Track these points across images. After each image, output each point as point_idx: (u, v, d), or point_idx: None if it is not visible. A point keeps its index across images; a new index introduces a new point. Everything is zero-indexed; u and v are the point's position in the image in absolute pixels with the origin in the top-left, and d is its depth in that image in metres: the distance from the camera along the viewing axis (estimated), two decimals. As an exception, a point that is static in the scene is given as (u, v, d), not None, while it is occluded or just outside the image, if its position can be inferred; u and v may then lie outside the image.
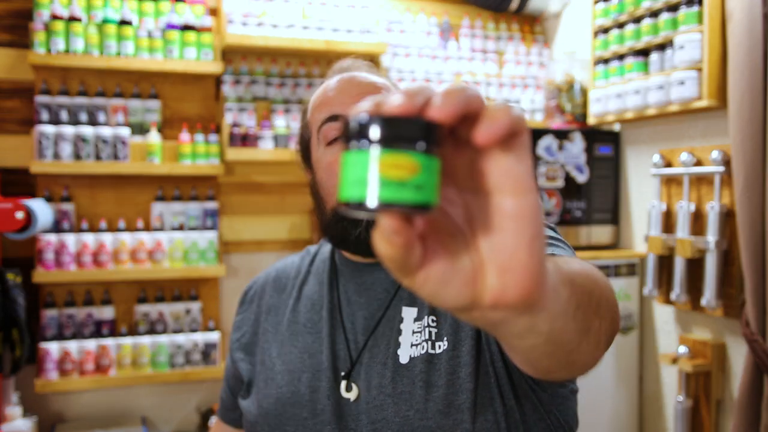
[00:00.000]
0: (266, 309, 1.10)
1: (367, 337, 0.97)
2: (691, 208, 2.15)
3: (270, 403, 1.00)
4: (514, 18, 3.23)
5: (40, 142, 2.55)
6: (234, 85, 2.86)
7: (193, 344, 2.73)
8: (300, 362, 1.00)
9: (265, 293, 1.13)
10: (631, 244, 2.59)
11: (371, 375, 0.94)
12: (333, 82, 1.02)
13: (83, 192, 2.76)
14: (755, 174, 1.83)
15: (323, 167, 0.99)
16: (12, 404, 2.42)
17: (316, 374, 0.97)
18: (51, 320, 2.62)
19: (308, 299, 1.06)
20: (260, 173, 3.01)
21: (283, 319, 1.06)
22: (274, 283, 1.13)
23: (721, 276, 2.05)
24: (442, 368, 0.91)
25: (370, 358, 0.95)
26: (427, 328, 0.94)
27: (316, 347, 1.00)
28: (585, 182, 2.58)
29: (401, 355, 0.93)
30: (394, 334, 0.95)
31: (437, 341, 0.93)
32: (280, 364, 1.02)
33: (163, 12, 2.75)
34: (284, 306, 1.08)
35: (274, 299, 1.11)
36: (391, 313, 0.97)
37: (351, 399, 0.94)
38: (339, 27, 2.86)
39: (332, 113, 0.97)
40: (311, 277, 1.09)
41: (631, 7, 2.34)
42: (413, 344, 0.93)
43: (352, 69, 1.06)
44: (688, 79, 2.08)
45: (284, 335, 1.04)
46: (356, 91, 0.98)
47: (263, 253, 3.03)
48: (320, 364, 0.98)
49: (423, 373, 0.91)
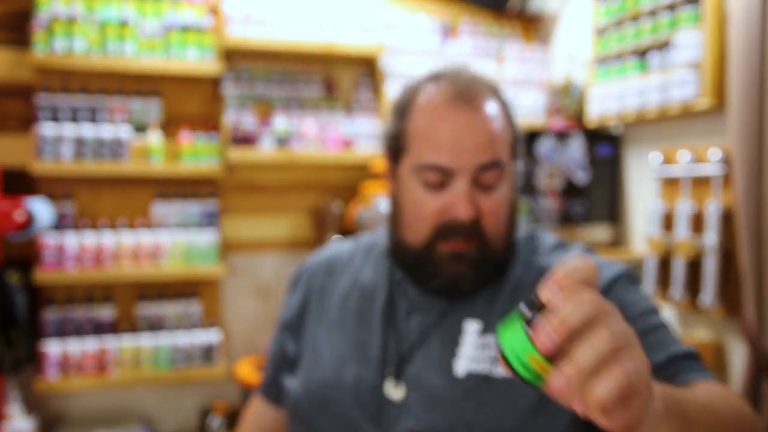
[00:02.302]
0: (317, 291, 1.08)
1: (421, 340, 0.96)
2: (691, 208, 2.15)
3: (314, 385, 0.99)
4: (514, 18, 3.23)
5: (41, 142, 2.55)
6: (234, 85, 2.87)
7: (193, 344, 2.73)
8: (348, 350, 0.99)
9: (316, 276, 1.11)
10: (631, 244, 2.59)
11: (421, 378, 0.93)
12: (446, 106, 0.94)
13: (83, 192, 2.76)
14: (755, 174, 1.83)
15: (411, 201, 0.96)
16: (12, 404, 2.42)
17: (363, 364, 0.96)
18: (51, 320, 2.62)
19: (363, 288, 1.04)
20: (260, 173, 3.01)
21: (334, 304, 1.05)
22: (326, 267, 1.11)
23: (720, 276, 2.05)
24: (500, 391, 0.90)
25: (423, 362, 0.94)
26: (493, 348, 0.93)
27: (366, 338, 0.99)
28: (585, 182, 2.58)
29: (457, 367, 0.92)
30: (451, 344, 0.94)
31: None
32: (327, 348, 1.01)
33: (164, 12, 2.75)
34: (335, 290, 1.06)
35: (324, 282, 1.09)
36: (450, 321, 0.96)
37: (396, 397, 0.93)
38: (339, 27, 2.86)
39: (438, 165, 0.92)
40: (368, 266, 1.07)
41: (631, 7, 2.34)
42: (472, 359, 0.93)
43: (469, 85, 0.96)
44: (687, 79, 2.08)
45: (333, 320, 1.03)
46: (470, 142, 0.92)
47: (263, 253, 3.04)
48: (369, 355, 0.97)
49: (478, 391, 0.90)
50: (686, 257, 2.13)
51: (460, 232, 0.93)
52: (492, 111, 0.95)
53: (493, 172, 0.93)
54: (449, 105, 0.94)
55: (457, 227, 0.93)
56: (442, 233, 0.94)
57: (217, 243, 2.79)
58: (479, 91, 0.96)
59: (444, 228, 0.93)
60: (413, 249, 0.97)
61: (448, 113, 0.94)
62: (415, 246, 0.96)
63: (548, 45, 3.21)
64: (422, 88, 0.98)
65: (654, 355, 0.85)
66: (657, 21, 2.23)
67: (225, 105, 2.82)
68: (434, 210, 0.94)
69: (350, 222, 2.88)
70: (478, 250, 0.94)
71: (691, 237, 2.13)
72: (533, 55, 3.14)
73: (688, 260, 2.15)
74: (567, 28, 3.08)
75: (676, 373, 0.83)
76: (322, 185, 3.08)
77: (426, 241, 0.95)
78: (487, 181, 0.94)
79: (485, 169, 0.93)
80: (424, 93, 0.97)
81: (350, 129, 2.92)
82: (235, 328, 2.99)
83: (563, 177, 2.56)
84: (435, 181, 0.93)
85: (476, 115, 0.94)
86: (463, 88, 0.95)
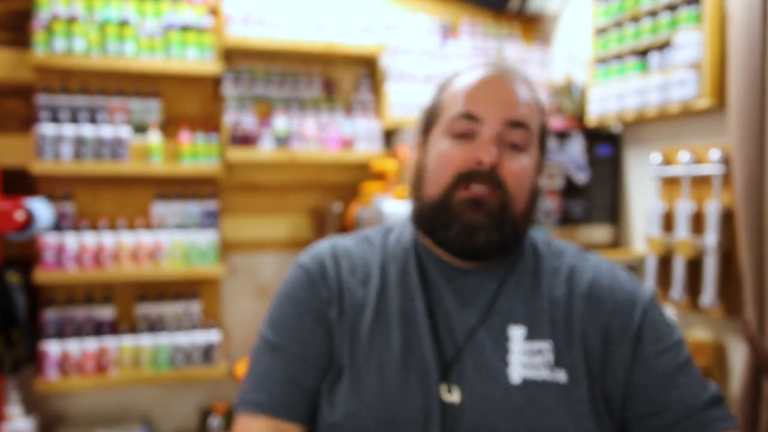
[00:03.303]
0: (346, 289, 0.98)
1: (467, 341, 0.93)
2: (691, 208, 2.15)
3: (371, 397, 0.91)
4: (514, 18, 3.23)
5: (41, 142, 2.55)
6: (234, 85, 2.87)
7: (193, 344, 2.73)
8: (400, 357, 0.93)
9: (340, 269, 1.00)
10: (631, 244, 2.59)
11: (476, 383, 0.91)
12: (481, 74, 0.99)
13: (83, 192, 2.76)
14: (755, 174, 1.83)
15: (436, 154, 0.97)
16: (12, 404, 2.42)
17: (418, 370, 0.91)
18: (51, 320, 2.62)
19: (395, 289, 0.98)
20: (260, 173, 3.01)
21: (368, 306, 0.97)
22: (347, 262, 1.01)
23: (721, 276, 2.05)
24: (563, 400, 0.90)
25: (475, 366, 0.92)
26: (547, 352, 0.93)
27: (415, 341, 0.94)
28: (585, 182, 2.58)
29: (512, 374, 0.91)
30: (500, 350, 0.93)
31: (554, 370, 0.92)
32: (374, 355, 0.93)
33: (164, 12, 2.75)
34: (364, 291, 0.98)
35: (349, 279, 0.99)
36: (493, 323, 0.94)
37: (453, 400, 0.90)
38: (339, 27, 2.86)
39: (468, 111, 0.95)
40: (391, 264, 1.01)
41: (631, 7, 2.34)
42: (525, 365, 0.92)
43: (506, 69, 1.02)
44: (687, 79, 2.08)
45: (372, 322, 0.95)
46: (500, 98, 0.96)
47: (263, 253, 3.04)
48: (421, 361, 0.92)
49: (540, 399, 0.90)
50: (686, 257, 2.13)
51: (481, 179, 0.93)
52: (524, 88, 0.99)
53: (520, 131, 0.95)
54: (485, 72, 0.99)
55: (479, 174, 0.93)
56: (463, 178, 0.93)
57: (217, 243, 2.79)
58: (515, 73, 1.00)
59: (465, 174, 0.93)
60: (432, 200, 0.95)
61: (482, 76, 0.98)
62: (435, 197, 0.95)
63: (548, 45, 3.21)
64: (459, 74, 1.02)
65: (690, 398, 0.92)
66: (657, 21, 2.23)
67: (225, 105, 2.82)
68: (459, 157, 0.94)
69: (350, 222, 2.88)
70: (498, 203, 0.93)
71: (691, 237, 2.13)
72: (533, 55, 3.14)
73: (688, 260, 2.15)
74: (567, 28, 3.08)
75: (709, 422, 0.91)
76: (322, 185, 3.08)
77: (446, 188, 0.94)
78: (515, 140, 0.95)
79: (513, 126, 0.94)
80: (462, 74, 1.01)
81: (350, 129, 2.92)
82: (235, 328, 2.99)
83: (563, 177, 2.56)
84: (463, 129, 0.95)
85: (510, 81, 0.97)
86: (500, 67, 1.00)
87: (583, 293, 0.98)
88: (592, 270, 1.01)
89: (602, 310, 0.96)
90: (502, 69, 1.00)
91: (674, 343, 0.96)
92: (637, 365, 0.94)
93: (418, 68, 2.99)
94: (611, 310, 0.96)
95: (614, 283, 0.99)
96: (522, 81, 1.00)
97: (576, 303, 0.97)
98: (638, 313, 0.96)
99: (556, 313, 0.96)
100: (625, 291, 0.99)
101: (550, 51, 3.17)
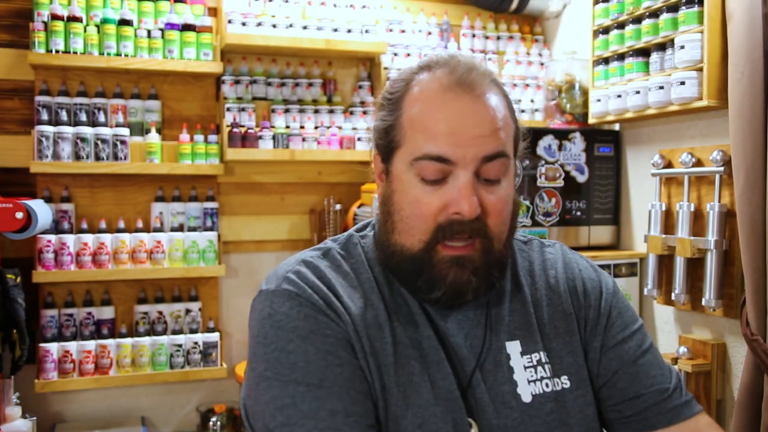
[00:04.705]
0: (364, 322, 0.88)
1: (474, 372, 0.88)
2: (691, 208, 2.15)
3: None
4: (514, 18, 3.23)
5: (40, 142, 2.55)
6: (234, 85, 2.86)
7: (192, 344, 2.73)
8: (429, 397, 0.84)
9: (341, 296, 0.89)
10: (631, 244, 2.59)
11: (490, 413, 0.86)
12: (445, 98, 0.84)
13: (83, 192, 2.76)
14: (755, 174, 1.83)
15: (409, 201, 0.86)
16: (12, 404, 2.41)
17: (445, 405, 0.85)
18: (51, 320, 2.61)
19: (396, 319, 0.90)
20: (260, 173, 3.00)
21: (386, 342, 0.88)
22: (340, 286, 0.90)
23: (721, 276, 2.05)
24: (572, 406, 0.89)
25: (488, 395, 0.87)
26: (545, 365, 0.90)
27: (432, 375, 0.86)
28: (585, 182, 2.58)
29: (522, 393, 0.87)
30: (505, 371, 0.89)
31: (555, 378, 0.90)
32: (403, 397, 0.84)
33: (163, 12, 2.75)
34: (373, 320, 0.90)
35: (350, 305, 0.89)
36: (493, 345, 0.90)
37: None
38: (339, 27, 2.86)
39: (439, 155, 0.83)
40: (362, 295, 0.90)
41: (631, 7, 2.34)
42: (530, 380, 0.88)
43: (469, 79, 0.86)
44: (688, 79, 2.08)
45: (390, 358, 0.87)
46: (472, 131, 0.83)
47: (263, 253, 3.03)
48: (447, 393, 0.85)
49: (554, 413, 0.87)
50: (686, 257, 2.13)
51: (462, 231, 0.84)
52: (494, 99, 0.87)
53: (497, 164, 0.85)
54: (447, 90, 0.85)
55: (460, 225, 0.83)
56: (444, 233, 0.84)
57: (216, 243, 2.78)
58: (479, 77, 0.87)
59: (445, 227, 0.84)
60: (411, 254, 0.86)
61: (446, 99, 0.84)
62: (413, 250, 0.86)
63: (548, 45, 3.20)
64: (415, 78, 0.90)
65: (658, 383, 0.94)
66: (657, 21, 2.23)
67: (225, 105, 2.82)
68: (434, 207, 0.84)
69: (350, 222, 2.88)
70: (482, 253, 0.86)
71: (691, 237, 2.13)
72: (533, 55, 3.14)
73: (688, 260, 2.15)
74: (567, 28, 3.08)
75: (679, 405, 0.93)
76: (321, 185, 3.08)
77: (425, 243, 0.85)
78: (491, 174, 0.85)
79: (489, 160, 0.84)
80: (418, 82, 0.89)
81: (350, 129, 2.91)
82: (235, 328, 2.99)
83: (563, 177, 2.56)
84: (434, 174, 0.84)
85: (478, 101, 0.85)
86: (461, 74, 0.86)
87: (560, 287, 0.98)
88: (558, 261, 1.02)
89: (579, 304, 0.97)
90: (466, 81, 0.86)
91: (638, 329, 0.98)
92: (607, 352, 0.95)
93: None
94: (585, 304, 0.97)
95: (582, 273, 1.00)
96: (489, 86, 0.87)
97: (555, 300, 0.97)
98: (606, 302, 0.98)
99: (541, 316, 0.95)
100: (593, 280, 1.00)
101: (550, 51, 3.17)
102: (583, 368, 0.93)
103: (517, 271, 0.98)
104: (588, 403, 0.91)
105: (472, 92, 0.85)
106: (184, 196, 2.86)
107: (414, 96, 0.88)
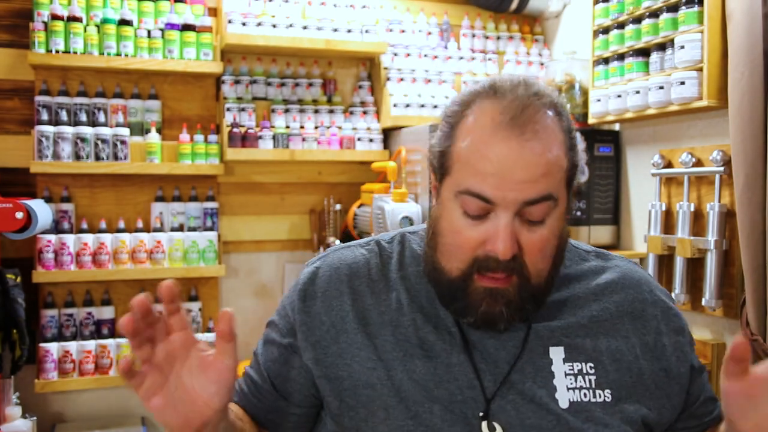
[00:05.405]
0: (354, 311, 0.96)
1: (508, 374, 0.90)
2: (691, 208, 2.15)
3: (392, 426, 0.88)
4: (514, 18, 3.23)
5: (40, 142, 2.55)
6: (234, 85, 2.86)
7: (192, 344, 2.72)
8: (426, 391, 0.89)
9: (341, 293, 0.97)
10: (632, 244, 2.59)
11: (522, 416, 0.88)
12: (498, 138, 0.84)
13: (83, 192, 2.76)
14: (755, 174, 1.83)
15: (451, 229, 0.89)
16: (12, 404, 2.41)
17: (450, 406, 0.88)
18: (51, 320, 2.61)
19: (417, 313, 0.94)
20: (260, 173, 3.00)
21: (384, 332, 0.94)
22: (350, 282, 0.98)
23: (721, 276, 2.05)
24: (611, 420, 0.89)
25: (519, 396, 0.89)
26: (586, 375, 0.91)
27: (443, 375, 0.90)
28: (585, 182, 2.58)
29: (560, 399, 0.88)
30: (546, 374, 0.90)
31: (598, 390, 0.90)
32: (391, 389, 0.90)
33: (163, 12, 2.75)
34: (377, 314, 0.95)
35: (355, 301, 0.96)
36: (533, 348, 0.92)
37: None
38: (339, 27, 2.86)
39: (480, 194, 0.84)
40: (418, 283, 0.97)
41: (631, 7, 2.34)
42: (569, 387, 0.89)
43: (526, 112, 0.85)
44: (688, 79, 2.08)
45: (392, 352, 0.92)
46: (517, 176, 0.83)
47: (263, 253, 3.03)
48: (454, 395, 0.88)
49: (590, 422, 0.88)
50: (686, 257, 2.13)
51: (498, 268, 0.86)
52: (548, 137, 0.85)
53: (541, 206, 0.86)
54: (499, 129, 0.84)
55: (496, 263, 0.85)
56: (480, 266, 0.87)
57: (216, 243, 2.78)
58: (536, 113, 0.86)
59: (482, 261, 0.86)
60: (449, 278, 0.89)
61: (497, 139, 0.84)
62: (451, 275, 0.89)
63: (548, 45, 3.20)
64: (475, 104, 0.89)
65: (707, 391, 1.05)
66: (657, 21, 2.23)
67: (224, 105, 2.82)
68: (473, 241, 0.87)
69: (350, 222, 2.88)
70: (518, 288, 0.87)
71: (691, 237, 2.13)
72: (533, 55, 3.14)
73: (688, 260, 2.15)
74: (567, 28, 3.08)
75: (715, 410, 1.04)
76: (321, 185, 3.08)
77: (462, 272, 0.88)
78: (534, 216, 0.86)
79: (532, 204, 0.85)
80: (476, 110, 0.88)
81: (350, 129, 2.91)
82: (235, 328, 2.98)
83: (563, 177, 2.56)
84: (476, 210, 0.86)
85: (528, 144, 0.84)
86: (518, 110, 0.85)
87: (621, 308, 0.99)
88: (623, 276, 1.03)
89: (647, 328, 1.00)
90: (519, 121, 0.84)
91: (691, 344, 1.06)
92: (692, 382, 1.01)
93: (418, 68, 2.98)
94: (656, 329, 1.00)
95: (650, 294, 1.03)
96: (546, 120, 0.86)
97: (614, 318, 0.98)
98: (685, 332, 1.04)
99: (594, 329, 0.96)
100: (664, 306, 1.04)
101: (550, 51, 3.17)
102: (629, 388, 0.93)
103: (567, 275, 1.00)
104: (626, 421, 0.90)
105: (522, 135, 0.84)
106: (184, 196, 2.86)
107: (467, 127, 0.88)
